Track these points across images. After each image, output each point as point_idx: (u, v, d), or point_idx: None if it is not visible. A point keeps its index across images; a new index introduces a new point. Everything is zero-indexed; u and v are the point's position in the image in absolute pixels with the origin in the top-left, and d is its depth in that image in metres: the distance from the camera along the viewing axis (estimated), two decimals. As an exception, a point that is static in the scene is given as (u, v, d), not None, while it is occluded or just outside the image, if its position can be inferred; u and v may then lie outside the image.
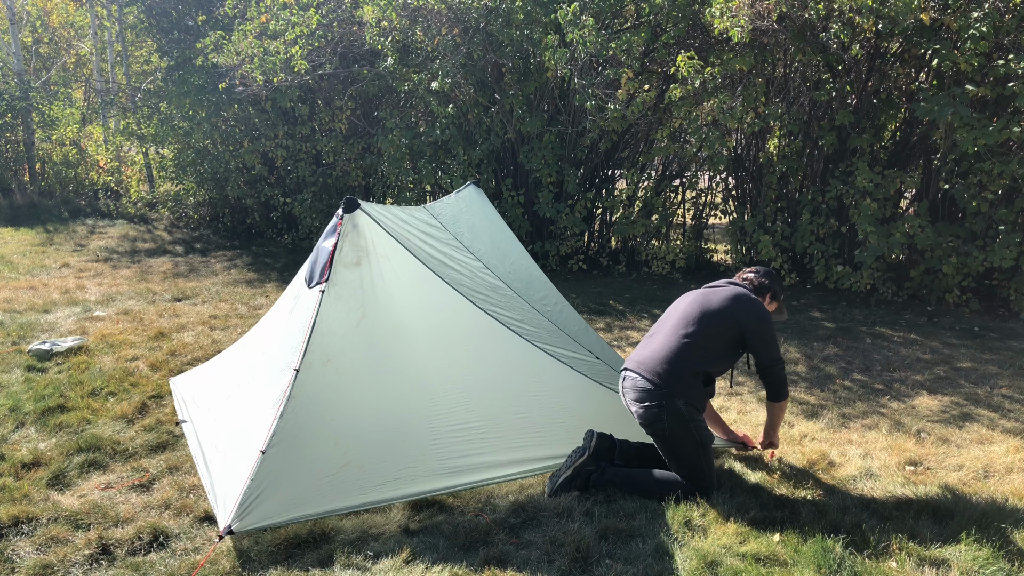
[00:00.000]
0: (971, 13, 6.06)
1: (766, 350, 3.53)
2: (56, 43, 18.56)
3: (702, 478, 3.46)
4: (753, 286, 3.77)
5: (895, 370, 5.46)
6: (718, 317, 3.54)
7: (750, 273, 3.84)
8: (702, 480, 3.47)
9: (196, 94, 10.25)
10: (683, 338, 3.51)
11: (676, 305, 3.73)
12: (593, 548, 3.09)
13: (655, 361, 3.49)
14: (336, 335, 3.47)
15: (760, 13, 6.43)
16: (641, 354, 3.59)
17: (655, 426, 3.43)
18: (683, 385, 3.44)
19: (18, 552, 3.09)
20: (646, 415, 3.43)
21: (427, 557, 3.05)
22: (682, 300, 3.73)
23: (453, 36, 7.84)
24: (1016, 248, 6.45)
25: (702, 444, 3.45)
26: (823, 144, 7.47)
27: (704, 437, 3.47)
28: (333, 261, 3.50)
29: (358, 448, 3.41)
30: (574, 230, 8.57)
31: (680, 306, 3.68)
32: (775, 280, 3.83)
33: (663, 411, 3.40)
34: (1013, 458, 3.90)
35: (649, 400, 3.43)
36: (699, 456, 3.45)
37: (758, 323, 3.54)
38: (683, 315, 3.60)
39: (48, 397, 4.70)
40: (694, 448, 3.44)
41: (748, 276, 3.82)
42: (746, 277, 3.82)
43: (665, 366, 3.46)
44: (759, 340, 3.53)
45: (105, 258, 9.72)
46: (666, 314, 3.74)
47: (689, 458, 3.45)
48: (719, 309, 3.56)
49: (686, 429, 3.41)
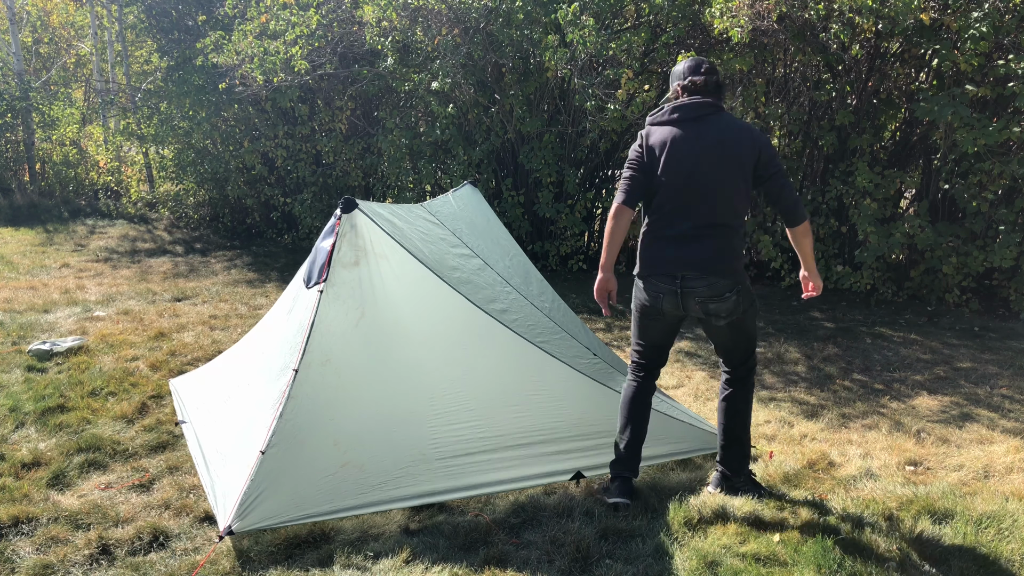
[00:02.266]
0: (971, 13, 6.06)
1: (777, 161, 3.31)
2: (56, 43, 18.56)
3: (754, 344, 3.50)
4: (716, 88, 3.35)
5: (895, 370, 5.46)
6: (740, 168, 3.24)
7: (699, 77, 3.32)
8: (753, 346, 3.50)
9: (196, 94, 10.25)
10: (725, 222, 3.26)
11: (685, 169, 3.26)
12: (593, 548, 3.09)
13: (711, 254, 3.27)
14: (335, 335, 3.47)
15: (760, 13, 6.42)
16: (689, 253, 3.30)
17: (735, 313, 3.32)
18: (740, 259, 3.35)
19: (18, 552, 3.09)
20: (726, 307, 3.28)
21: (427, 557, 3.05)
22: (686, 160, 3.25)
23: (453, 36, 7.84)
24: (1016, 248, 6.45)
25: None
26: (823, 144, 7.46)
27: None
28: (331, 261, 3.50)
29: (357, 448, 3.41)
30: (574, 230, 8.56)
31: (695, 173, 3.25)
32: (713, 67, 3.38)
33: (741, 296, 3.29)
34: (1013, 458, 3.90)
35: (728, 291, 3.27)
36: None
37: (767, 144, 3.29)
38: (709, 188, 3.25)
39: (48, 397, 4.70)
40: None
41: (697, 80, 3.31)
42: (696, 82, 3.31)
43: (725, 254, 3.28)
44: (774, 162, 3.29)
45: (105, 258, 9.72)
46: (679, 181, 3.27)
47: (754, 330, 3.47)
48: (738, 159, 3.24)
49: (753, 304, 3.42)
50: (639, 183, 3.34)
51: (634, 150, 3.37)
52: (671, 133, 3.30)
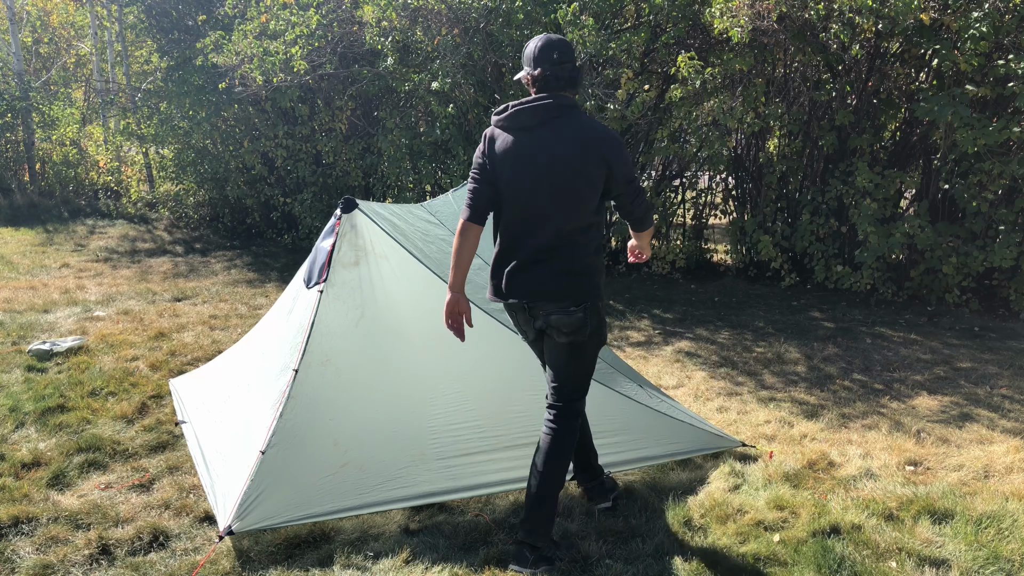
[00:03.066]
0: (971, 13, 6.06)
1: (630, 173, 2.97)
2: (56, 43, 18.56)
3: (586, 385, 3.14)
4: (568, 81, 2.94)
5: (895, 370, 5.46)
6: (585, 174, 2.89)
7: (547, 69, 2.90)
8: (585, 386, 3.13)
9: (196, 94, 10.25)
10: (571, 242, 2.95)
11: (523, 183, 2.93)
12: (593, 548, 3.09)
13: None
14: (335, 335, 3.47)
15: (760, 13, 6.43)
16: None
17: (580, 332, 2.98)
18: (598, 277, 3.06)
19: (18, 552, 3.09)
20: (571, 322, 2.95)
21: (427, 557, 3.05)
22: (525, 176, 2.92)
23: (453, 36, 7.84)
24: (1016, 248, 6.45)
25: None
26: (823, 144, 7.47)
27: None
28: (331, 261, 3.50)
29: (358, 447, 3.41)
30: (574, 230, 8.55)
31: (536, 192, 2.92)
32: (573, 53, 3.00)
33: (588, 314, 2.96)
34: (1013, 458, 3.90)
35: (574, 306, 2.95)
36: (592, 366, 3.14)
37: (619, 152, 2.92)
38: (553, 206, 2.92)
39: (48, 397, 4.70)
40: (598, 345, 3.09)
41: (546, 73, 2.91)
42: (544, 75, 2.91)
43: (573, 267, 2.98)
44: (625, 174, 2.94)
45: (105, 258, 9.72)
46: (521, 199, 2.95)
47: (591, 363, 3.11)
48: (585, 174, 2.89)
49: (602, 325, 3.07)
50: (485, 196, 3.01)
51: (477, 157, 3.02)
52: (510, 142, 2.94)
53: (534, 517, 3.00)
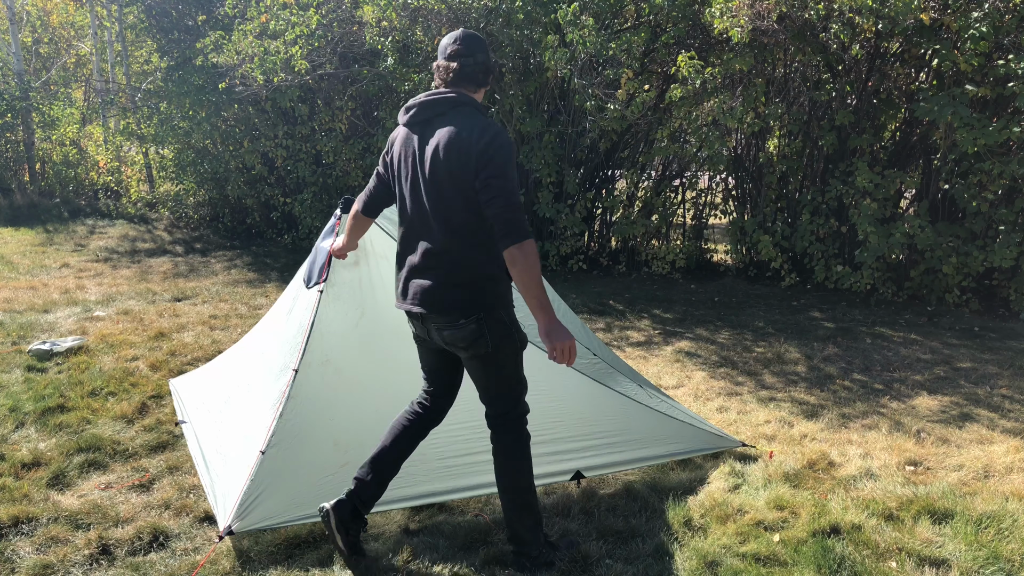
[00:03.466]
0: (971, 13, 6.06)
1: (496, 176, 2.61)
2: (56, 43, 18.57)
3: (521, 400, 2.91)
4: (467, 76, 2.76)
5: (895, 370, 5.46)
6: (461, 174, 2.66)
7: (444, 61, 2.75)
8: (520, 403, 2.91)
9: (196, 94, 10.24)
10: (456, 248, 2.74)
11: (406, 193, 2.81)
12: (593, 548, 3.09)
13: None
14: (335, 335, 3.47)
15: (760, 13, 6.43)
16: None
17: (480, 346, 2.78)
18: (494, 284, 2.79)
19: (18, 552, 3.09)
20: (463, 335, 2.77)
21: (427, 557, 3.05)
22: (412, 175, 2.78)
23: (453, 36, 7.83)
24: (1016, 248, 6.45)
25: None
26: (823, 144, 7.47)
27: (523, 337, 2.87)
28: (331, 261, 3.50)
29: (358, 447, 3.41)
30: (574, 230, 8.57)
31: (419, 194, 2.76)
32: (488, 48, 2.83)
33: (485, 325, 2.75)
34: (1013, 458, 3.90)
35: (464, 318, 2.75)
36: (520, 375, 2.89)
37: (488, 149, 2.61)
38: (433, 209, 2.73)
39: (48, 397, 4.70)
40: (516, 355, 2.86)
41: (441, 65, 2.76)
42: (451, 67, 2.74)
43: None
44: (489, 171, 2.61)
45: (105, 258, 9.72)
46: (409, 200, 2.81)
47: (513, 370, 2.87)
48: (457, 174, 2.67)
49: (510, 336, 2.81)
50: (379, 193, 2.98)
51: (384, 152, 2.95)
52: (404, 137, 2.82)
53: (518, 529, 2.93)
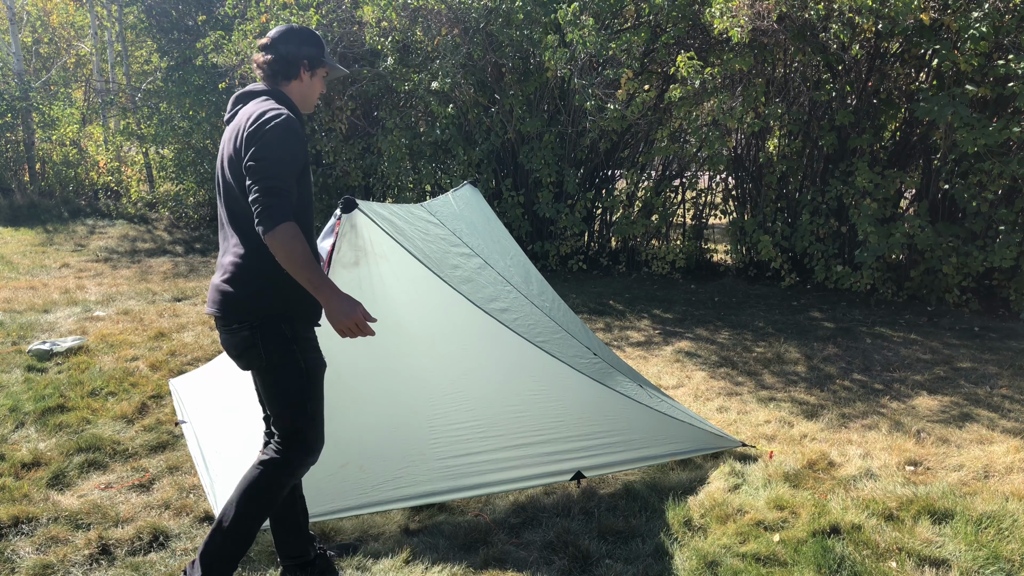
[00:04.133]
0: (971, 13, 6.06)
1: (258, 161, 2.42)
2: (56, 43, 18.56)
3: (307, 428, 2.65)
4: (276, 71, 2.65)
5: (895, 370, 5.46)
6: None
7: (262, 56, 2.65)
8: (304, 431, 2.64)
9: (196, 94, 10.25)
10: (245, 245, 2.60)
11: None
12: (593, 548, 3.09)
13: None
14: (334, 335, 3.46)
15: (760, 13, 6.43)
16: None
17: (252, 357, 2.60)
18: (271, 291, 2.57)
19: (18, 552, 3.09)
20: (236, 343, 2.60)
21: (427, 557, 3.05)
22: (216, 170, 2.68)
23: (453, 36, 7.84)
24: (1016, 248, 6.45)
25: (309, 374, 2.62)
26: (823, 144, 7.47)
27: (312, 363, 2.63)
28: (331, 261, 3.50)
29: (357, 448, 3.41)
30: (574, 230, 8.56)
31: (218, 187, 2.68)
32: (302, 39, 2.67)
33: (258, 336, 2.56)
34: (1013, 458, 3.90)
35: (237, 323, 2.58)
36: (309, 396, 2.64)
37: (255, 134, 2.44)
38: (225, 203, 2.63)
39: (48, 397, 4.69)
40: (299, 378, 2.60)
41: (261, 60, 2.66)
42: (260, 62, 2.66)
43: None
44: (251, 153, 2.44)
45: (105, 258, 9.72)
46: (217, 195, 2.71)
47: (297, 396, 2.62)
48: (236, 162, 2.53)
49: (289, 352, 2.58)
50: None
51: None
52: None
53: (213, 550, 2.61)
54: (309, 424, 2.65)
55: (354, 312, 2.50)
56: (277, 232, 2.39)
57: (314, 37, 2.73)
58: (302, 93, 2.74)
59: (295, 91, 2.71)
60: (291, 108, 2.65)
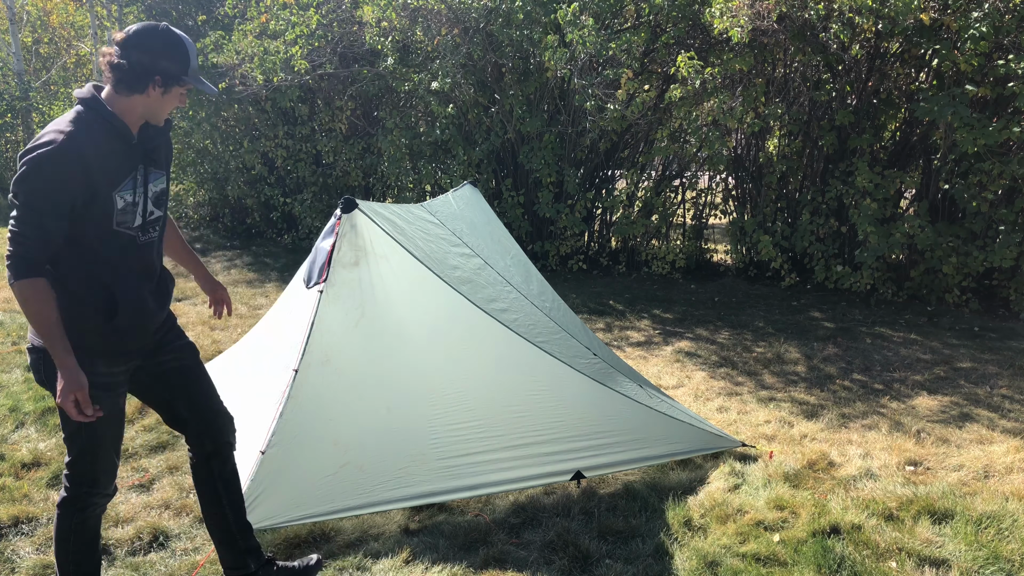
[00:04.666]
0: (971, 13, 6.06)
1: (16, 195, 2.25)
2: (56, 43, 18.55)
3: (79, 461, 2.50)
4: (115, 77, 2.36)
5: (895, 370, 5.46)
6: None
7: (111, 52, 2.36)
8: (78, 464, 2.50)
9: (196, 94, 10.24)
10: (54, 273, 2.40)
11: None
12: (593, 548, 3.09)
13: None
14: (335, 335, 3.47)
15: (760, 13, 6.43)
16: None
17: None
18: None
19: (18, 552, 3.09)
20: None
21: (427, 557, 3.05)
22: None
23: (453, 36, 7.84)
24: (1016, 248, 6.45)
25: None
26: (823, 144, 7.47)
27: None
28: (331, 261, 3.50)
29: (357, 448, 3.41)
30: (574, 230, 8.56)
31: None
32: (162, 49, 2.37)
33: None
34: (1013, 458, 3.90)
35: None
36: (78, 429, 2.44)
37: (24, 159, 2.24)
38: None
39: (48, 397, 4.69)
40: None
41: (108, 58, 2.36)
42: (106, 60, 2.36)
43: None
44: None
45: (105, 258, 9.71)
46: None
47: (74, 431, 2.47)
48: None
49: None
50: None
51: None
52: None
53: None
54: (83, 456, 2.50)
55: (77, 387, 2.30)
56: (15, 288, 2.26)
57: (178, 49, 2.39)
58: (148, 107, 2.41)
59: (137, 105, 2.38)
60: (108, 125, 2.34)
